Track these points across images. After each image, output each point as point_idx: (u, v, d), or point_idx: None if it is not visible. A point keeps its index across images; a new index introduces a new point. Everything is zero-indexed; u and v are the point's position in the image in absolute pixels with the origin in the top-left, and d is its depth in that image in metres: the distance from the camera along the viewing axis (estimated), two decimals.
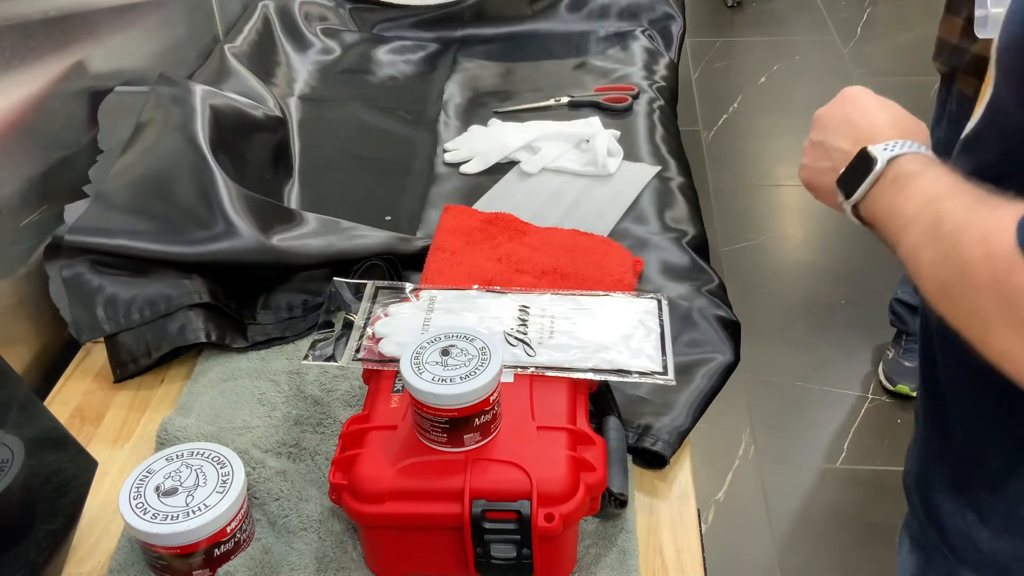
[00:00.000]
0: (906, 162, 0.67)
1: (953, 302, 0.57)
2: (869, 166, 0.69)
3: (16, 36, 0.99)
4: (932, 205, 0.61)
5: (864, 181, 0.69)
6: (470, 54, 1.65)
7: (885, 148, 0.69)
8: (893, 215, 0.65)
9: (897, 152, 0.68)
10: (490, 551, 0.68)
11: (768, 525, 1.84)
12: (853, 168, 0.71)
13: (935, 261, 0.58)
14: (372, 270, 1.02)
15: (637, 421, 0.85)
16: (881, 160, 0.68)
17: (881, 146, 0.69)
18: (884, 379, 2.11)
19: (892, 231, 0.65)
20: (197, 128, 1.09)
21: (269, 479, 0.79)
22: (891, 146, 0.69)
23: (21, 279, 0.99)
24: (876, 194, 0.68)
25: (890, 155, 0.68)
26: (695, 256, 1.10)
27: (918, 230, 0.61)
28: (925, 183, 0.64)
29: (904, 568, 0.89)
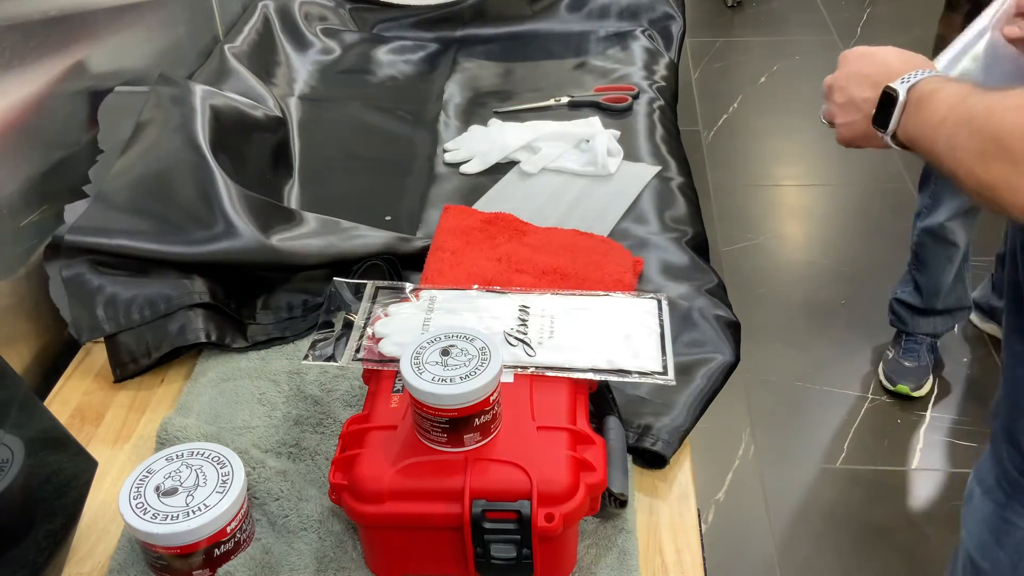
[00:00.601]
0: (923, 84, 0.78)
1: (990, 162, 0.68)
2: (893, 100, 0.79)
3: (16, 36, 0.99)
4: (959, 105, 0.72)
5: (894, 112, 0.79)
6: (470, 54, 1.65)
7: (903, 81, 0.79)
8: (925, 125, 0.76)
9: (912, 81, 0.79)
10: (490, 551, 0.68)
11: (768, 525, 1.84)
12: (881, 106, 0.81)
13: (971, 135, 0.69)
14: (372, 270, 1.02)
15: (637, 421, 0.85)
16: (902, 92, 0.79)
17: (899, 81, 0.80)
18: (884, 379, 2.11)
19: (927, 138, 0.75)
20: (197, 128, 1.09)
21: (269, 479, 0.79)
22: (907, 78, 0.79)
23: (21, 279, 0.99)
24: (906, 118, 0.79)
25: (908, 85, 0.79)
26: (695, 256, 1.10)
27: (951, 124, 0.72)
28: (947, 93, 0.75)
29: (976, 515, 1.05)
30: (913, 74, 0.80)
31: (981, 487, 1.07)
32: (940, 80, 0.78)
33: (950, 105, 0.74)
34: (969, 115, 0.71)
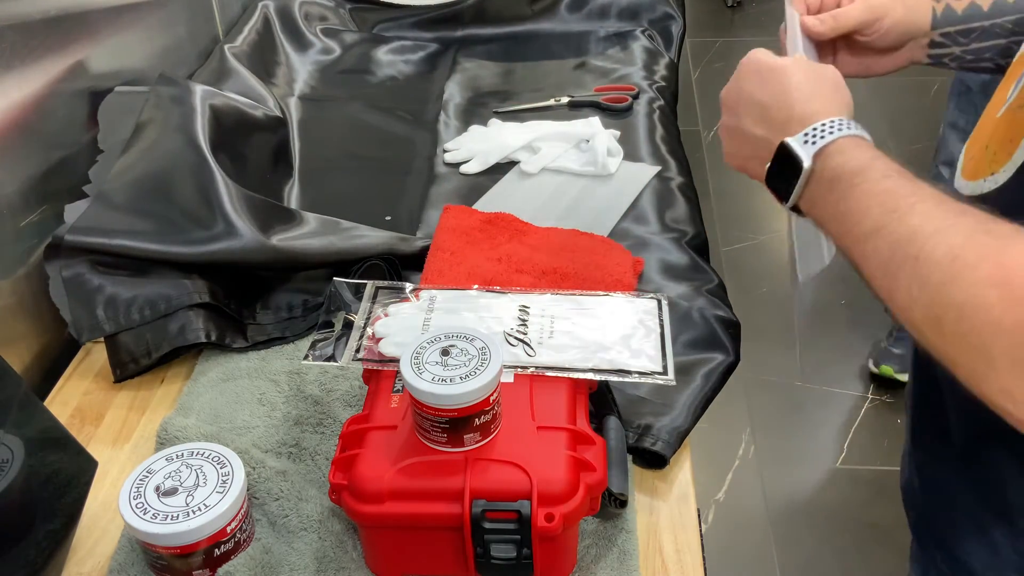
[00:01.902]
0: (836, 154, 0.62)
1: (948, 336, 0.53)
2: (795, 167, 0.63)
3: (16, 36, 0.99)
4: (901, 218, 0.56)
5: (795, 184, 0.63)
6: (470, 54, 1.65)
7: (806, 140, 0.63)
8: (843, 221, 0.60)
9: (820, 143, 0.62)
10: (490, 551, 0.68)
11: (768, 525, 1.84)
12: (778, 167, 0.65)
13: (924, 290, 0.53)
14: (372, 270, 1.02)
15: (637, 421, 0.85)
16: (806, 158, 0.62)
17: (800, 137, 0.64)
18: (871, 364, 2.12)
19: (844, 239, 0.61)
20: (197, 128, 1.09)
21: (269, 479, 0.79)
22: (812, 135, 0.63)
23: (21, 279, 0.99)
24: (812, 195, 0.63)
25: (814, 149, 0.62)
26: (695, 256, 1.10)
27: (886, 246, 0.56)
28: (878, 186, 0.58)
29: None
30: (820, 128, 0.63)
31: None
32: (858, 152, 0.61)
33: (884, 209, 0.57)
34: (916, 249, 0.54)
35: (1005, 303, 0.49)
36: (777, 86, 0.69)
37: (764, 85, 0.69)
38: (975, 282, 0.51)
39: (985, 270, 0.50)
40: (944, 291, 0.52)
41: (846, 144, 0.62)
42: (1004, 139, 0.64)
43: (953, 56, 0.87)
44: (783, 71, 0.69)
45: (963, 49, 0.86)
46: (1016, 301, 0.49)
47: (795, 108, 0.66)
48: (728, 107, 0.73)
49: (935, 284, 0.53)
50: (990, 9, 0.84)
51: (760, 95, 0.69)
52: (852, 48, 0.88)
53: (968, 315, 0.51)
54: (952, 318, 0.52)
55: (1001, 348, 0.49)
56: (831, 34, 0.85)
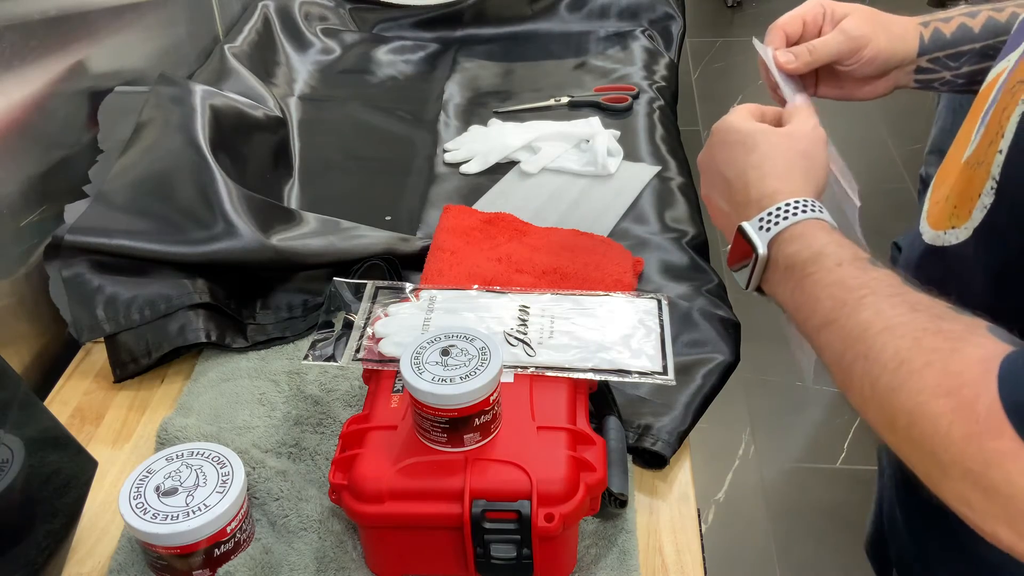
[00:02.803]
0: (790, 241, 0.61)
1: (901, 439, 0.51)
2: (750, 253, 0.63)
3: (16, 36, 0.99)
4: (850, 313, 0.55)
5: (752, 271, 0.63)
6: (470, 54, 1.65)
7: (761, 226, 0.63)
8: (799, 310, 0.60)
9: (775, 229, 0.62)
10: (490, 551, 0.68)
11: (768, 525, 1.84)
12: (736, 249, 0.65)
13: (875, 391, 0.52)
14: (372, 270, 1.02)
15: (637, 421, 0.85)
16: (760, 245, 0.62)
17: (755, 222, 0.63)
18: None
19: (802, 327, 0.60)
20: (197, 128, 1.09)
21: (269, 479, 0.79)
22: (767, 219, 0.63)
23: (21, 279, 0.99)
24: (770, 281, 0.63)
25: (768, 236, 0.62)
26: (695, 256, 1.10)
27: (838, 341, 0.55)
28: (829, 276, 0.57)
29: None
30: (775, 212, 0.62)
31: None
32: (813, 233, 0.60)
33: (835, 302, 0.56)
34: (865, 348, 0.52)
35: (954, 414, 0.47)
36: (740, 162, 0.68)
37: (728, 158, 0.69)
38: (921, 390, 0.49)
39: (931, 378, 0.49)
40: (893, 396, 0.51)
41: (801, 230, 0.61)
42: (964, 194, 0.62)
43: (943, 81, 0.83)
44: (747, 145, 0.68)
45: (953, 73, 0.82)
46: (964, 412, 0.47)
47: (751, 189, 0.66)
48: (703, 175, 0.73)
49: (883, 387, 0.51)
50: (981, 31, 0.81)
51: (725, 169, 0.69)
52: (833, 76, 0.85)
53: (917, 423, 0.49)
54: (903, 424, 0.50)
55: (951, 458, 0.48)
56: (805, 69, 0.81)
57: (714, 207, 0.72)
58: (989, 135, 0.60)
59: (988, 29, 0.80)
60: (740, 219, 0.65)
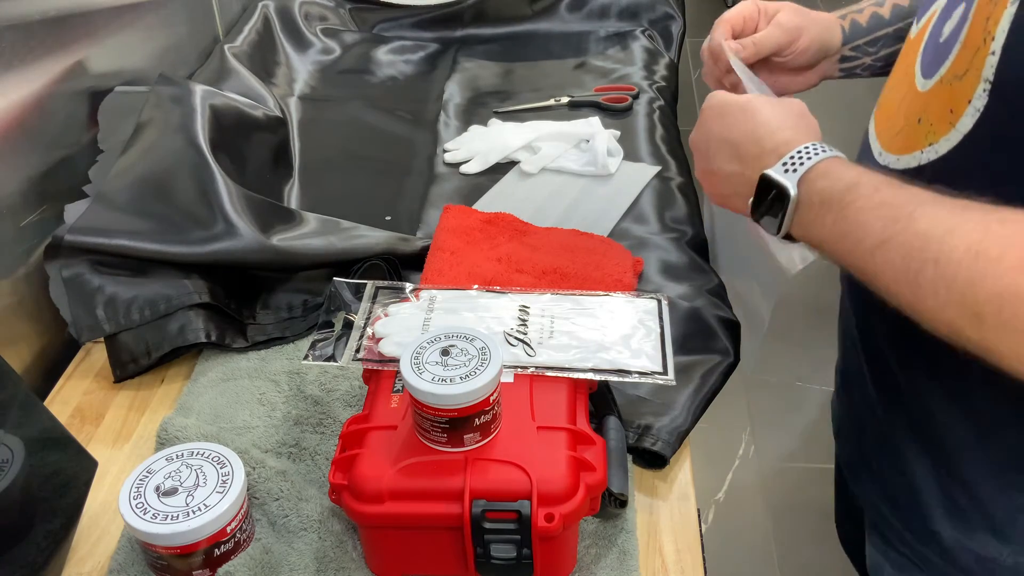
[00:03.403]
0: (820, 178, 0.62)
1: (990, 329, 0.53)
2: (780, 196, 0.64)
3: (16, 36, 0.99)
4: (906, 226, 0.56)
5: (784, 213, 0.64)
6: (470, 54, 1.65)
7: (786, 169, 0.64)
8: (843, 240, 0.61)
9: (802, 169, 0.63)
10: (490, 551, 0.68)
11: (768, 525, 1.84)
12: (762, 199, 0.66)
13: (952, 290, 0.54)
14: (372, 270, 1.02)
15: (637, 421, 0.85)
16: (791, 187, 0.63)
17: (779, 167, 0.64)
18: None
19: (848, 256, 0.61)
20: (197, 128, 1.09)
21: (269, 479, 0.79)
22: (790, 163, 0.64)
23: (21, 279, 0.99)
24: (805, 220, 0.63)
25: (796, 176, 0.63)
26: (695, 256, 1.10)
27: (898, 257, 0.57)
28: (873, 200, 0.59)
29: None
30: (798, 155, 0.63)
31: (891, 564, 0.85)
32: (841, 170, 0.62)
33: (886, 221, 0.58)
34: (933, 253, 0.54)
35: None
36: (744, 123, 0.70)
37: (730, 124, 0.71)
38: (1005, 272, 0.52)
39: (1012, 259, 0.52)
40: (975, 288, 0.53)
41: (827, 166, 0.63)
42: (942, 110, 0.65)
43: (864, 66, 0.91)
44: (747, 107, 0.71)
45: (873, 58, 0.90)
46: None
47: (765, 141, 0.67)
48: (699, 152, 0.74)
49: (963, 283, 0.53)
50: (891, 16, 0.88)
51: (728, 133, 0.70)
52: (769, 69, 0.92)
53: (1009, 304, 0.51)
54: (992, 311, 0.52)
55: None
56: (753, 59, 0.89)
57: (716, 177, 0.72)
58: (971, 48, 0.62)
59: (896, 14, 0.88)
60: (759, 170, 0.66)
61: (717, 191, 0.74)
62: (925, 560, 0.79)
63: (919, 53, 0.71)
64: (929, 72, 0.68)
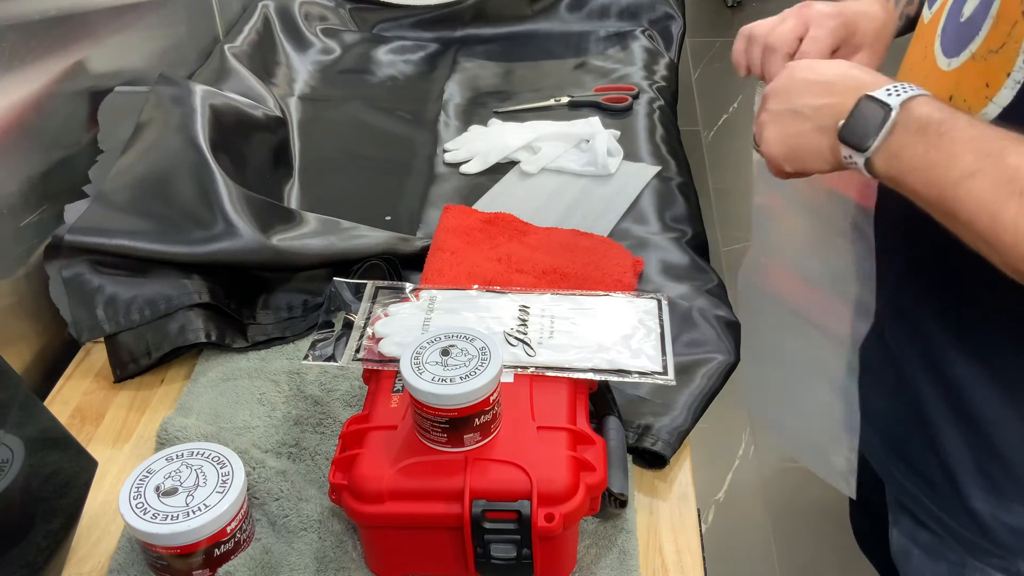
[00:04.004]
0: (921, 105, 0.62)
1: None
2: (881, 112, 0.63)
3: (16, 36, 0.99)
4: (997, 161, 0.58)
5: (881, 129, 0.63)
6: (470, 54, 1.65)
7: (890, 92, 0.63)
8: (932, 168, 0.61)
9: (905, 95, 0.63)
10: (490, 551, 0.68)
11: (768, 525, 1.84)
12: (858, 117, 0.64)
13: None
14: (372, 270, 1.02)
15: (637, 421, 0.85)
16: (894, 104, 0.62)
17: (883, 91, 0.64)
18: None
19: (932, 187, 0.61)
20: (197, 128, 1.09)
21: (269, 479, 0.79)
22: (895, 90, 0.63)
23: (21, 279, 0.99)
24: (898, 144, 0.63)
25: (900, 99, 0.63)
26: (695, 256, 1.10)
27: (986, 188, 0.58)
28: (966, 133, 0.60)
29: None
30: (902, 86, 0.63)
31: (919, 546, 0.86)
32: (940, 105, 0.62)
33: (978, 154, 0.59)
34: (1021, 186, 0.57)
35: None
36: (837, 68, 0.70)
37: (820, 70, 0.70)
38: None
39: None
40: None
41: (928, 99, 0.63)
42: (976, 85, 0.66)
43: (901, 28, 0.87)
44: (833, 61, 0.72)
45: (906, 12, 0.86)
46: None
47: (865, 76, 0.67)
48: (777, 96, 0.72)
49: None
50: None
51: (821, 76, 0.70)
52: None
53: None
54: None
55: None
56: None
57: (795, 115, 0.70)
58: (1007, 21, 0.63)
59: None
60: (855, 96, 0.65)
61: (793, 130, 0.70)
62: (959, 537, 0.80)
63: (937, 35, 0.72)
64: (953, 51, 0.69)
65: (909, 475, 0.84)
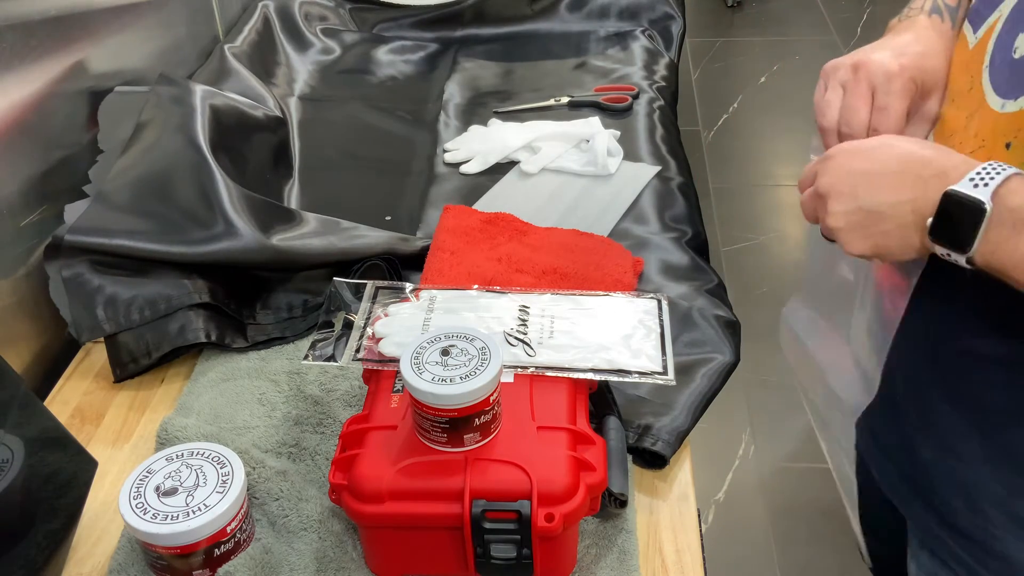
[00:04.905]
0: (1011, 194, 0.57)
1: None
2: (973, 211, 0.58)
3: (16, 36, 0.99)
4: None
5: (976, 230, 0.58)
6: (470, 54, 1.65)
7: (975, 184, 0.58)
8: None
9: (992, 184, 0.57)
10: (490, 551, 0.68)
11: (768, 525, 1.84)
12: (946, 217, 0.59)
13: None
14: (372, 270, 1.02)
15: (637, 421, 0.85)
16: (986, 200, 0.57)
17: (967, 182, 0.58)
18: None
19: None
20: (197, 128, 1.09)
21: (269, 479, 0.79)
22: (978, 177, 0.58)
23: (21, 279, 0.99)
24: (994, 240, 0.58)
25: (988, 191, 0.57)
26: (695, 256, 1.10)
27: None
28: None
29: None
30: (984, 171, 0.58)
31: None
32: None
33: None
34: None
35: None
36: (898, 154, 0.63)
37: (879, 158, 0.64)
38: None
39: None
40: None
41: (1018, 183, 0.58)
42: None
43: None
44: (887, 142, 0.65)
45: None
46: None
47: (940, 161, 0.61)
48: (840, 195, 0.65)
49: None
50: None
51: (883, 167, 0.63)
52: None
53: None
54: None
55: None
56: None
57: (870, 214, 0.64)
58: None
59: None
60: (940, 189, 0.59)
61: (874, 230, 0.64)
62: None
63: (984, 67, 0.65)
64: (1010, 92, 0.63)
65: (935, 519, 0.79)
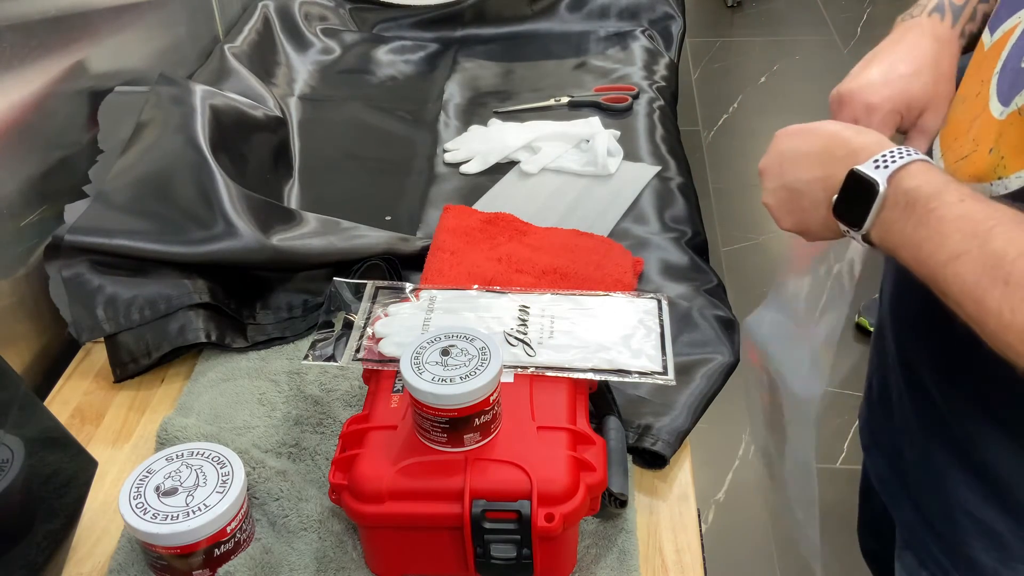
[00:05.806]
0: (909, 178, 0.60)
1: None
2: (868, 190, 0.61)
3: (16, 36, 0.99)
4: (983, 243, 0.55)
5: (870, 209, 0.61)
6: (470, 54, 1.65)
7: (876, 165, 0.61)
8: (921, 247, 0.59)
9: (893, 167, 0.60)
10: (490, 551, 0.68)
11: (768, 525, 1.84)
12: (848, 194, 0.63)
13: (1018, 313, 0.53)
14: (372, 270, 1.02)
15: (637, 421, 0.85)
16: (881, 181, 0.60)
17: (870, 163, 0.62)
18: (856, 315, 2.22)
19: (923, 265, 0.59)
20: (197, 128, 1.09)
21: (269, 479, 0.79)
22: (881, 160, 0.61)
23: (21, 279, 0.99)
24: (887, 220, 0.61)
25: (887, 173, 0.60)
26: (695, 256, 1.10)
27: (970, 272, 0.55)
28: (954, 211, 0.57)
29: None
30: (889, 154, 0.61)
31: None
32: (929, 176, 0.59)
33: (964, 234, 0.56)
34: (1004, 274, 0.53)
35: None
36: (823, 135, 0.68)
37: (808, 138, 0.69)
38: None
39: None
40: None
41: (918, 168, 0.60)
42: (1017, 143, 0.62)
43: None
44: (821, 125, 0.69)
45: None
46: None
47: (853, 142, 0.65)
48: (770, 173, 0.71)
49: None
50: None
51: (808, 146, 0.68)
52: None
53: None
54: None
55: None
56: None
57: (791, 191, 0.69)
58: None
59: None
60: (848, 168, 0.63)
61: (791, 207, 0.70)
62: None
63: (995, 72, 0.66)
64: (1006, 98, 0.64)
65: (916, 517, 0.81)
